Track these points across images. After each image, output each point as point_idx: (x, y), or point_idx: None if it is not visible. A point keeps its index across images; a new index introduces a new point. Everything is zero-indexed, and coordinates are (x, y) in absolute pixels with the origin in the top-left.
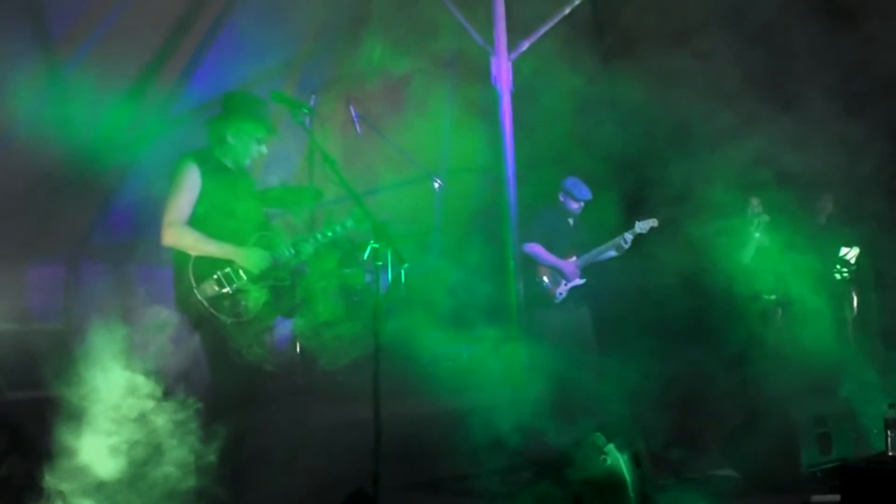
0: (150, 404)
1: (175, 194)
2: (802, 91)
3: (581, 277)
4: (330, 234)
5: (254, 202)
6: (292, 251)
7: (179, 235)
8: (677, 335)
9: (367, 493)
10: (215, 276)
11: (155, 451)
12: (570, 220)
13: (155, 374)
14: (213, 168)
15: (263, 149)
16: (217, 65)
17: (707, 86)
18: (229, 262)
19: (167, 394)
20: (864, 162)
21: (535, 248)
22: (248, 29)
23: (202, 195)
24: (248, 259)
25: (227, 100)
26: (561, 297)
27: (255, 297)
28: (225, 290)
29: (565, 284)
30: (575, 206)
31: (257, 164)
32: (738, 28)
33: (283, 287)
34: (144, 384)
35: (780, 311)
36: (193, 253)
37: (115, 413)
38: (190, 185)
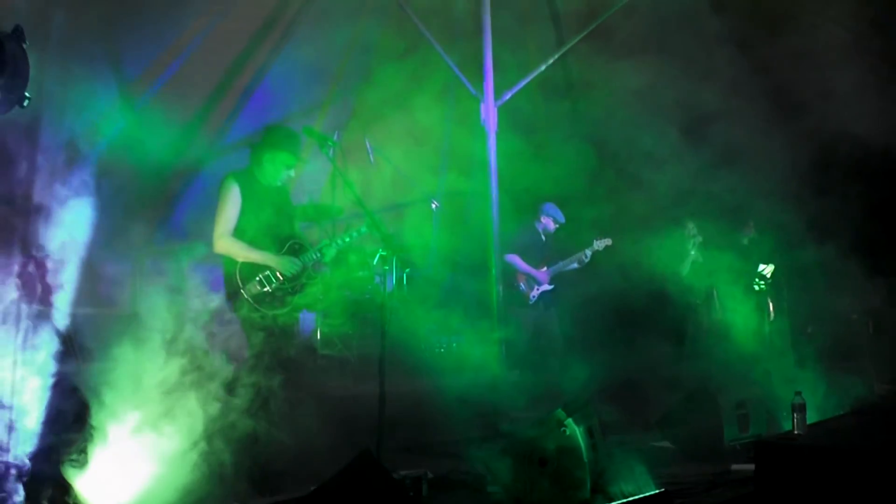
0: (200, 373)
1: (221, 210)
2: (733, 135)
3: (550, 284)
4: (348, 238)
5: (288, 215)
6: (319, 254)
7: (228, 246)
8: (627, 332)
9: (371, 452)
10: (258, 278)
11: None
12: (543, 237)
13: (205, 348)
14: (251, 185)
15: (292, 173)
16: (260, 105)
17: (653, 127)
18: (268, 267)
19: (214, 364)
20: (781, 195)
21: (515, 259)
22: (286, 77)
23: (243, 208)
24: (282, 265)
25: (268, 131)
26: (534, 299)
27: (289, 295)
28: (265, 290)
29: (537, 289)
30: (551, 226)
31: (292, 185)
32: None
33: (310, 286)
34: (198, 356)
35: (709, 314)
36: (240, 259)
37: (173, 378)
38: (233, 201)
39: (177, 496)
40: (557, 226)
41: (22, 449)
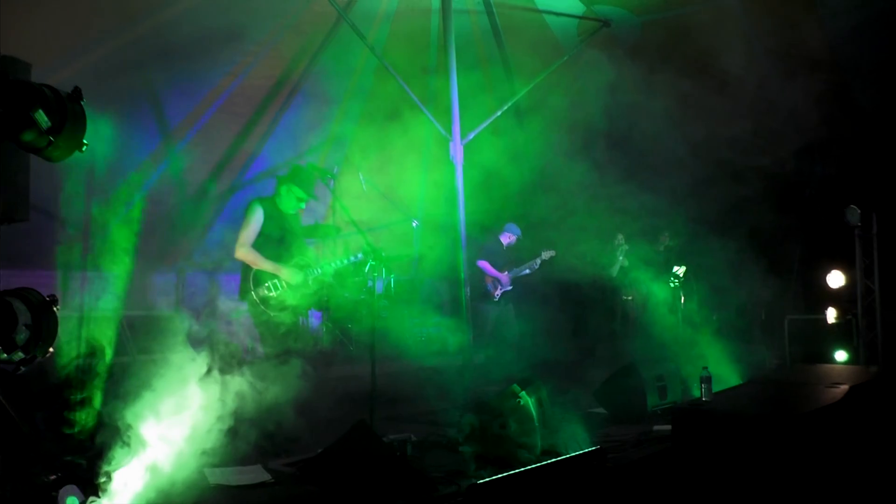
0: (226, 361)
1: (245, 225)
2: (652, 156)
3: (510, 285)
4: (346, 261)
5: (298, 235)
6: (319, 271)
7: (245, 254)
8: (569, 321)
9: (365, 422)
10: (266, 284)
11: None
12: (505, 248)
13: (228, 342)
14: (271, 210)
15: (303, 205)
16: (276, 145)
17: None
18: (276, 276)
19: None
20: (691, 209)
21: (485, 265)
22: (294, 123)
23: (263, 227)
24: (289, 275)
25: (292, 169)
26: (497, 297)
27: (291, 299)
28: (272, 294)
29: (500, 289)
30: (512, 239)
31: (301, 214)
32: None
33: (311, 292)
34: (224, 348)
35: (635, 306)
36: (254, 267)
37: (203, 364)
38: (255, 221)
39: (210, 453)
40: (515, 239)
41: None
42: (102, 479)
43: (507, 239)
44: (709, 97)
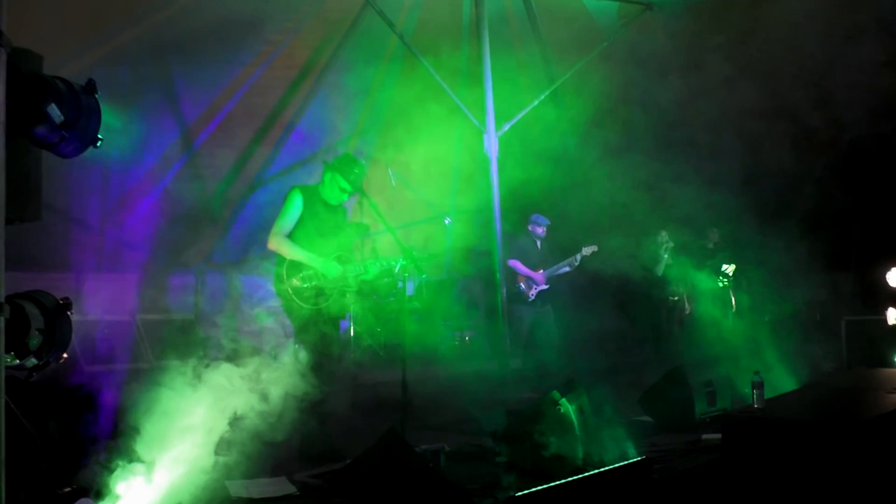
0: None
1: (282, 213)
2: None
3: (546, 284)
4: (394, 263)
5: (341, 231)
6: (362, 269)
7: (279, 244)
8: (611, 323)
9: (397, 431)
10: (301, 275)
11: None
12: (538, 243)
13: (258, 345)
14: (313, 199)
15: (346, 197)
16: (298, 141)
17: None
18: (311, 268)
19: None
20: (742, 203)
21: (515, 263)
22: (320, 116)
23: (303, 217)
24: (324, 267)
25: (341, 155)
26: (532, 298)
27: (327, 293)
28: (305, 286)
29: (535, 289)
30: (540, 231)
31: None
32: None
33: (348, 291)
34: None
35: (682, 307)
36: (288, 257)
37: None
38: (293, 209)
39: (232, 466)
40: (544, 229)
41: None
42: (118, 491)
43: (534, 232)
44: (757, 78)
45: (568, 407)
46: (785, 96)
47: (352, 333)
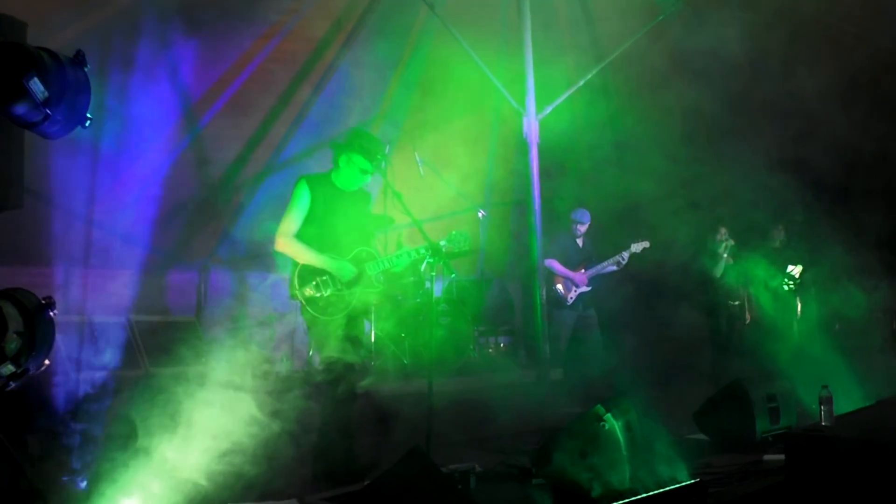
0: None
1: (288, 210)
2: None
3: (588, 285)
4: (421, 252)
5: (363, 222)
6: (387, 263)
7: (286, 245)
8: (663, 330)
9: (421, 448)
10: (314, 282)
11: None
12: (579, 241)
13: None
14: (324, 189)
15: (367, 178)
16: (315, 122)
17: (687, 140)
18: (326, 272)
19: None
20: (808, 203)
21: (553, 263)
22: (340, 95)
23: (312, 212)
24: (338, 270)
25: (352, 132)
26: (572, 301)
27: (346, 299)
28: (319, 294)
29: (575, 291)
30: (581, 228)
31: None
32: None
33: (372, 293)
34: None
35: (742, 313)
36: (298, 261)
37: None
38: (300, 203)
39: (238, 489)
40: (585, 226)
41: None
42: None
43: (577, 227)
44: (834, 54)
45: (613, 423)
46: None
47: (373, 339)
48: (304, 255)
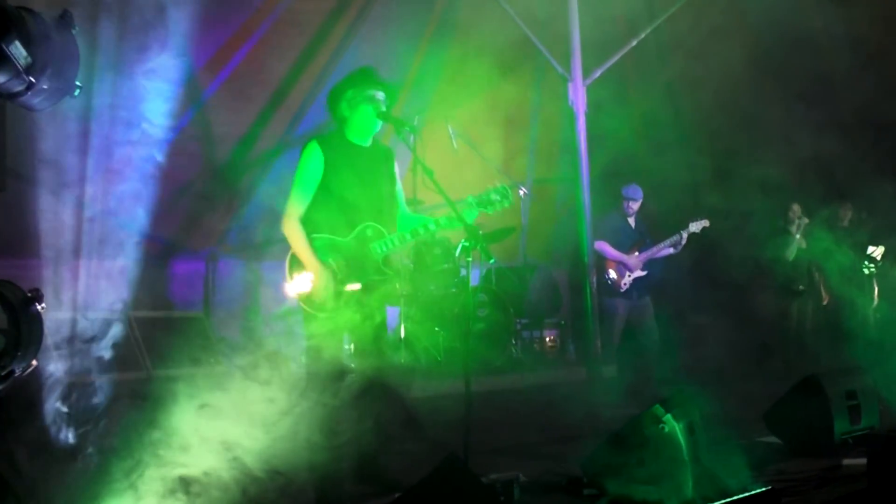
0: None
1: (296, 183)
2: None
3: (643, 270)
4: (433, 226)
5: (378, 185)
6: (396, 243)
7: (289, 231)
8: (727, 320)
9: (458, 456)
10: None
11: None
12: (632, 221)
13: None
14: (339, 149)
15: (382, 108)
16: None
17: (751, 112)
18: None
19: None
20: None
21: (603, 246)
22: (360, 62)
23: (325, 180)
24: (318, 281)
25: (347, 76)
26: (625, 287)
27: (336, 296)
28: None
29: (629, 276)
30: (634, 206)
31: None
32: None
33: (375, 283)
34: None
35: (814, 300)
36: (292, 249)
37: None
38: (309, 172)
39: (259, 499)
40: (638, 204)
41: None
42: None
43: (627, 208)
44: None
45: (674, 425)
46: None
47: (402, 335)
48: (298, 247)
